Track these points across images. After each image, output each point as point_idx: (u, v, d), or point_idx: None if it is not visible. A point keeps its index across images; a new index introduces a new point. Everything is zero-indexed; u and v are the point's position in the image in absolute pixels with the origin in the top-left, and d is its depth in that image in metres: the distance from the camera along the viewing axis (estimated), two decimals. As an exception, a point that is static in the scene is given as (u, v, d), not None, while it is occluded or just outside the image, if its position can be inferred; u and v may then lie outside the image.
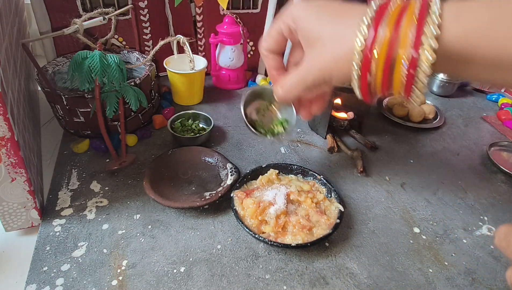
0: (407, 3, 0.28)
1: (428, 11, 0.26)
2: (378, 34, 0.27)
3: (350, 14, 0.30)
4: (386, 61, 0.28)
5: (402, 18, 0.27)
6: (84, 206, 0.49)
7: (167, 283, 0.40)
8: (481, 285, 0.43)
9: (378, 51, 0.27)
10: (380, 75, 0.28)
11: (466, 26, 0.26)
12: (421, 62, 0.26)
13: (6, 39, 0.46)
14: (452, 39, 0.26)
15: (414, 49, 0.26)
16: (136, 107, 0.57)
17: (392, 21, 0.27)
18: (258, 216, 0.45)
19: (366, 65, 0.28)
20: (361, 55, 0.28)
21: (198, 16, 0.78)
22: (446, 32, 0.26)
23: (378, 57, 0.28)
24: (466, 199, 0.56)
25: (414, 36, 0.26)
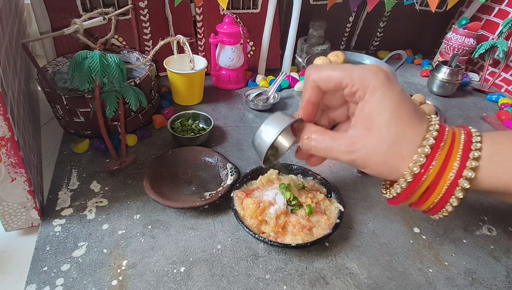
0: (454, 140, 0.31)
1: (469, 153, 0.30)
2: (432, 164, 0.30)
3: (415, 131, 0.31)
4: (430, 186, 0.31)
5: (451, 154, 0.30)
6: (84, 206, 0.49)
7: (167, 283, 0.40)
8: (481, 285, 0.43)
9: (427, 177, 0.31)
10: (419, 195, 0.32)
11: (495, 176, 0.29)
12: (457, 191, 0.30)
13: (6, 39, 0.46)
14: (481, 179, 0.30)
15: (451, 186, 0.30)
16: (136, 107, 0.57)
17: (442, 157, 0.30)
18: (258, 216, 0.45)
19: (415, 183, 0.31)
20: (413, 176, 0.31)
21: (198, 16, 0.78)
22: (480, 173, 0.30)
23: (425, 182, 0.31)
24: (466, 199, 0.56)
25: (454, 176, 0.30)
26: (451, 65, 0.83)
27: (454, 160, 0.30)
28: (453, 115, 0.79)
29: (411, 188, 0.32)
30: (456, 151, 0.30)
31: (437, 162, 0.30)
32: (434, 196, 0.31)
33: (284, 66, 0.87)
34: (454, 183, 0.30)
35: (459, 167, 0.30)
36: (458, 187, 0.30)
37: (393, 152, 0.31)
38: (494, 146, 0.30)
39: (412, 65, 1.05)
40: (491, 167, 0.29)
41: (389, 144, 0.31)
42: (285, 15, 0.86)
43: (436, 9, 0.78)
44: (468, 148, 0.30)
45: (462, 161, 0.30)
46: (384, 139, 0.31)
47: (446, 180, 0.30)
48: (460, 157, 0.30)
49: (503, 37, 0.85)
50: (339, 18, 0.94)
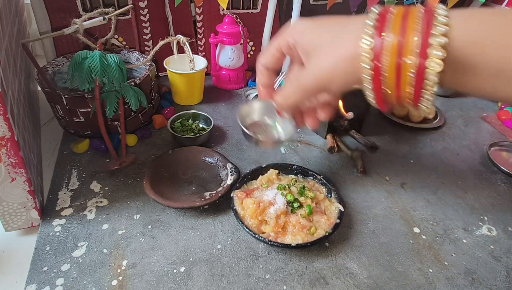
0: (408, 9, 0.27)
1: (434, 17, 0.25)
2: (384, 40, 0.26)
3: (349, 22, 0.30)
4: (396, 68, 0.27)
5: (406, 24, 0.26)
6: (84, 206, 0.49)
7: (167, 283, 0.40)
8: (481, 285, 0.43)
9: (387, 58, 0.26)
10: (393, 82, 0.28)
11: (474, 33, 0.25)
12: (428, 72, 0.26)
13: (6, 39, 0.46)
14: (460, 46, 0.25)
15: (421, 58, 0.25)
16: (136, 107, 0.57)
17: (396, 27, 0.26)
18: (258, 216, 0.45)
19: (377, 73, 0.27)
20: (371, 64, 0.27)
21: (198, 16, 0.78)
22: (453, 39, 0.25)
23: (389, 64, 0.27)
24: (466, 199, 0.56)
25: (420, 45, 0.25)
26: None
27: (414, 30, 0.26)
28: (453, 115, 0.79)
29: (376, 76, 0.28)
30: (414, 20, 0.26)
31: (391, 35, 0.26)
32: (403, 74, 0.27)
33: (284, 66, 0.87)
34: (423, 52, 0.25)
35: (423, 34, 0.25)
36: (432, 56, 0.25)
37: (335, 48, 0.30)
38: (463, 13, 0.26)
39: (412, 65, 1.04)
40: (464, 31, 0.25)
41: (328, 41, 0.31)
42: (285, 15, 0.86)
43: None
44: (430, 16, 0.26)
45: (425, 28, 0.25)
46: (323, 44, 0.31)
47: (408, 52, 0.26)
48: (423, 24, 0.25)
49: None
50: (339, 18, 0.94)
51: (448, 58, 0.25)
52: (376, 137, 0.68)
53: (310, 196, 0.48)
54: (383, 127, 0.72)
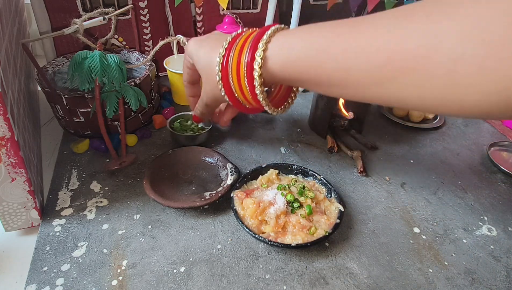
0: (248, 36, 0.37)
1: (257, 45, 0.35)
2: (229, 57, 0.38)
3: (216, 46, 0.40)
4: (237, 77, 0.38)
5: (244, 46, 0.37)
6: (84, 206, 0.49)
7: (167, 283, 0.40)
8: (481, 285, 0.43)
9: (231, 69, 0.38)
10: (236, 86, 0.38)
11: (281, 60, 0.34)
12: (255, 80, 0.36)
13: (6, 39, 0.46)
14: (272, 68, 0.35)
15: (248, 70, 0.36)
16: (136, 107, 0.57)
17: (238, 49, 0.37)
18: (258, 216, 0.45)
19: (225, 78, 0.39)
20: (220, 74, 0.39)
21: (198, 16, 0.78)
22: (268, 62, 0.35)
23: (232, 73, 0.38)
24: (466, 199, 0.56)
25: (248, 61, 0.36)
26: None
27: (245, 50, 0.36)
28: (453, 115, 0.79)
29: (224, 78, 0.39)
30: (248, 44, 0.36)
31: (234, 53, 0.37)
32: (243, 83, 0.37)
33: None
34: (249, 67, 0.36)
35: (250, 55, 0.35)
36: (254, 72, 0.35)
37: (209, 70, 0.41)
38: (285, 37, 0.35)
39: (412, 65, 1.04)
40: (277, 54, 0.34)
41: (205, 64, 0.42)
42: (285, 15, 0.86)
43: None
44: (257, 41, 0.35)
45: (251, 50, 0.35)
46: (203, 67, 0.42)
47: (242, 66, 0.36)
48: (250, 47, 0.36)
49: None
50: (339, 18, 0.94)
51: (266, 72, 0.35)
52: (376, 137, 0.68)
53: (310, 196, 0.48)
54: (383, 127, 0.72)
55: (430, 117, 0.75)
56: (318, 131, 0.67)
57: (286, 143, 0.65)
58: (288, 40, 0.34)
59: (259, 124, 0.69)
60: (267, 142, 0.64)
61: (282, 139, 0.65)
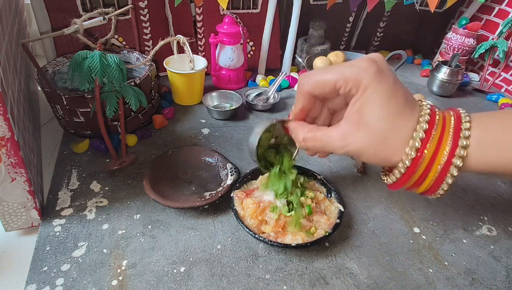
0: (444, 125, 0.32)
1: (458, 140, 0.31)
2: (426, 147, 0.31)
3: (406, 123, 0.32)
4: (426, 168, 0.32)
5: (442, 137, 0.32)
6: (84, 206, 0.49)
7: (167, 283, 0.40)
8: (481, 285, 0.43)
9: (423, 160, 0.32)
10: (417, 178, 0.33)
11: (487, 155, 0.31)
12: (448, 177, 0.32)
13: (6, 39, 0.46)
14: (473, 166, 0.31)
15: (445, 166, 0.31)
16: (136, 107, 0.57)
17: (435, 142, 0.31)
18: (258, 216, 0.45)
19: (413, 167, 0.32)
20: (411, 161, 0.32)
21: (198, 16, 0.78)
22: (469, 160, 0.31)
23: (422, 165, 0.32)
24: (466, 199, 0.56)
25: (447, 157, 0.31)
26: (451, 65, 0.83)
27: (446, 143, 0.31)
28: (453, 115, 0.79)
29: (409, 172, 0.32)
30: (447, 134, 0.31)
31: (431, 145, 0.31)
32: (430, 177, 0.32)
33: (284, 66, 0.87)
34: (448, 163, 0.31)
35: (451, 150, 0.31)
36: (452, 166, 0.31)
37: (384, 146, 0.32)
38: (483, 131, 0.31)
39: (412, 65, 1.05)
40: (480, 152, 0.31)
41: (379, 138, 0.32)
42: (285, 15, 0.86)
43: (435, 9, 0.78)
44: (458, 133, 0.31)
45: (453, 144, 0.31)
46: (374, 134, 0.32)
47: (440, 161, 0.31)
48: (451, 140, 0.31)
49: (503, 37, 0.85)
50: (339, 18, 0.94)
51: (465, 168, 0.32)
52: (376, 137, 0.68)
53: (310, 196, 0.48)
54: (383, 127, 0.72)
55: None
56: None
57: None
58: (487, 134, 0.31)
59: (259, 124, 0.69)
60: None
61: (282, 139, 0.65)
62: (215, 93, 0.74)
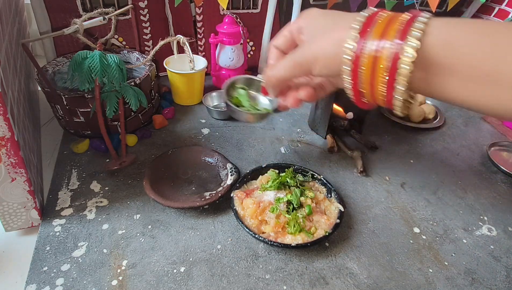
0: (395, 15, 0.29)
1: (415, 20, 0.27)
2: (365, 43, 0.29)
3: (345, 18, 0.32)
4: (372, 67, 0.29)
5: (388, 28, 0.28)
6: (84, 206, 0.49)
7: (167, 283, 0.40)
8: (481, 285, 0.43)
9: (365, 57, 0.29)
10: (368, 80, 0.30)
11: (448, 35, 0.27)
12: (399, 73, 0.27)
13: (6, 39, 0.46)
14: (433, 46, 0.27)
15: (393, 59, 0.27)
16: (136, 107, 0.57)
17: (379, 31, 0.28)
18: (258, 216, 0.45)
19: (355, 68, 0.30)
20: (352, 57, 0.29)
21: (198, 16, 0.78)
22: (429, 36, 0.27)
23: (366, 62, 0.29)
24: (466, 199, 0.56)
25: (398, 39, 0.27)
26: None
27: (394, 32, 0.27)
28: (453, 115, 0.79)
29: (355, 67, 0.30)
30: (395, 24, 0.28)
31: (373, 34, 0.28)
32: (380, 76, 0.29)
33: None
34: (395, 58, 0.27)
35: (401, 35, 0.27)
36: (401, 59, 0.27)
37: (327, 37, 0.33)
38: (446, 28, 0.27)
39: (412, 65, 1.04)
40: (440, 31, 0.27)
41: (324, 31, 0.33)
42: (285, 15, 0.86)
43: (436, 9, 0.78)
44: (410, 23, 0.27)
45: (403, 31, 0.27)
46: (320, 32, 0.34)
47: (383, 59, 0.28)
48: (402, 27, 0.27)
49: (503, 37, 0.85)
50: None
51: (420, 60, 0.27)
52: (376, 137, 0.68)
53: (310, 196, 0.48)
54: (383, 127, 0.72)
55: (430, 117, 0.75)
56: (318, 131, 0.67)
57: (286, 143, 0.65)
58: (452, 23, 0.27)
59: (259, 124, 0.69)
60: (267, 142, 0.64)
61: (282, 139, 0.65)
62: (215, 93, 0.74)
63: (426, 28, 0.27)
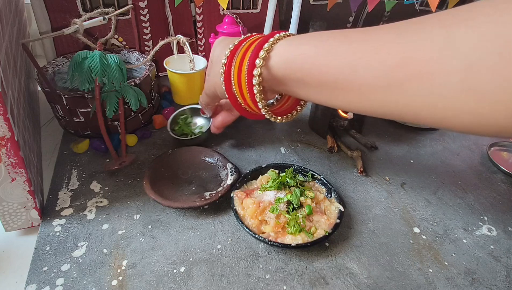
0: (252, 42, 0.39)
1: (264, 44, 0.36)
2: (232, 60, 0.39)
3: (225, 47, 0.41)
4: (238, 80, 0.39)
5: (246, 52, 0.38)
6: (84, 206, 0.49)
7: (167, 283, 0.40)
8: (481, 285, 0.43)
9: (233, 71, 0.39)
10: (237, 88, 0.40)
11: (287, 56, 0.34)
12: (254, 84, 0.37)
13: (6, 39, 0.46)
14: (274, 67, 0.35)
15: (248, 74, 0.37)
16: (136, 107, 0.57)
17: (242, 52, 0.38)
18: (258, 216, 0.45)
19: (227, 79, 0.40)
20: (223, 75, 0.40)
21: (198, 16, 0.78)
22: (272, 58, 0.35)
23: (234, 75, 0.39)
24: (466, 199, 0.56)
25: (249, 63, 0.36)
26: (451, 65, 0.82)
27: (250, 52, 0.37)
28: (453, 115, 0.79)
29: (227, 79, 0.40)
30: (253, 46, 0.37)
31: (238, 56, 0.38)
32: (243, 87, 0.38)
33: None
34: (250, 70, 0.36)
35: (253, 55, 0.36)
36: (255, 70, 0.36)
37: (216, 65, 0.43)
38: (291, 40, 0.35)
39: (412, 65, 1.04)
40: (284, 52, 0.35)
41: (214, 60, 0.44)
42: (285, 15, 0.86)
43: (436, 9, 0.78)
44: (263, 42, 0.36)
45: (255, 51, 0.36)
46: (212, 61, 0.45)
47: (244, 68, 0.37)
48: (254, 49, 0.36)
49: (503, 37, 0.85)
50: (339, 18, 0.94)
51: (266, 74, 0.36)
52: (376, 137, 0.68)
53: (310, 196, 0.48)
54: (383, 127, 0.72)
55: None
56: (318, 131, 0.67)
57: (286, 143, 0.65)
58: (294, 41, 0.35)
59: (259, 124, 0.69)
60: (267, 142, 0.64)
61: (282, 139, 0.65)
62: None
63: (267, 55, 0.35)
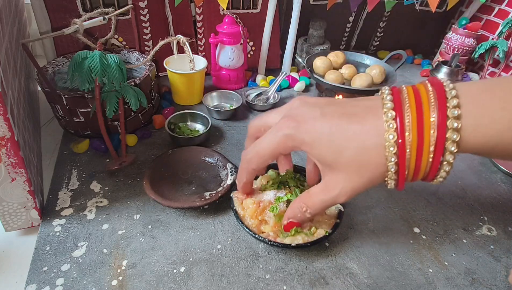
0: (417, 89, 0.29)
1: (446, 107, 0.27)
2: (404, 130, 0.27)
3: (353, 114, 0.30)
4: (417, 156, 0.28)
5: (421, 106, 0.27)
6: (84, 206, 0.49)
7: (167, 283, 0.40)
8: (481, 285, 0.43)
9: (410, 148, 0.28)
10: (413, 162, 0.29)
11: (484, 136, 0.27)
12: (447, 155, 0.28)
13: (6, 39, 0.46)
14: (471, 147, 0.27)
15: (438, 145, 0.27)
16: (136, 107, 0.57)
17: (413, 109, 0.27)
18: (258, 216, 0.45)
19: (402, 156, 0.28)
20: (396, 148, 0.28)
21: (198, 16, 0.78)
22: (465, 141, 0.27)
23: (411, 146, 0.28)
24: (466, 199, 0.56)
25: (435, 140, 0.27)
26: (451, 65, 0.83)
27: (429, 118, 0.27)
28: (453, 115, 0.79)
29: (402, 168, 0.29)
30: (427, 109, 0.27)
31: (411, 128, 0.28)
32: (424, 164, 0.29)
33: (284, 66, 0.87)
34: (439, 145, 0.27)
35: (438, 126, 0.27)
36: (446, 150, 0.27)
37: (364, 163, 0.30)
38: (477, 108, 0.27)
39: (412, 65, 1.05)
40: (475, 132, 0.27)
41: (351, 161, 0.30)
42: (285, 15, 0.86)
43: (436, 9, 0.78)
44: (444, 111, 0.27)
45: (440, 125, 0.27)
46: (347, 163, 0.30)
47: (428, 144, 0.28)
48: (437, 119, 0.27)
49: (503, 37, 0.85)
50: (339, 18, 0.94)
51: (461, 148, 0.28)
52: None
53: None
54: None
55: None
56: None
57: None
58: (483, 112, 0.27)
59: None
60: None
61: (282, 139, 0.65)
62: (215, 93, 0.74)
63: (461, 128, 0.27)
